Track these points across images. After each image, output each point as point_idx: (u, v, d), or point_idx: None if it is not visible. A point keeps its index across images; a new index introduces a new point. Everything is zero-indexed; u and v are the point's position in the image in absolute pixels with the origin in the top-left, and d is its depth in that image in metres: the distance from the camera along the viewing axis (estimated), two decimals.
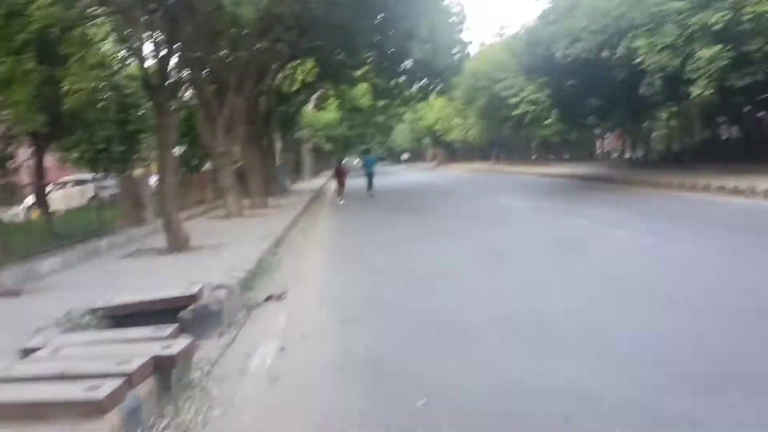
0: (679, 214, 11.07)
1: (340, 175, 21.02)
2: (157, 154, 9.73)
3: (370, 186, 21.22)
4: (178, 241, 8.73)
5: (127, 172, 16.63)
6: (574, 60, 17.97)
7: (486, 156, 51.97)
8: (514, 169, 35.58)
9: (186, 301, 4.79)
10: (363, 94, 31.42)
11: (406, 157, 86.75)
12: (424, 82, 24.60)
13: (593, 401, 3.15)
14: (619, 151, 35.42)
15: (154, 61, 9.89)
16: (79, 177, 20.34)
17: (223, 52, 12.75)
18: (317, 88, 30.14)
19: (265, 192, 18.03)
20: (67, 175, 21.47)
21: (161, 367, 3.36)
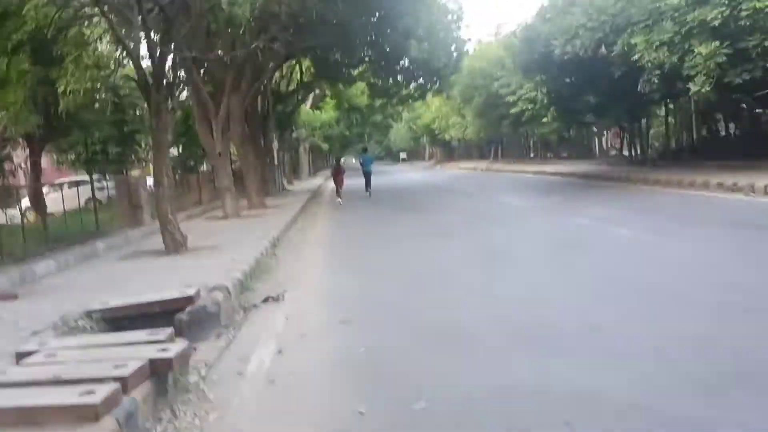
0: (679, 212, 11.05)
1: (338, 175, 20.99)
2: (153, 155, 9.67)
3: (368, 185, 21.23)
4: (175, 243, 8.68)
5: (124, 173, 16.57)
6: (571, 57, 17.95)
7: (484, 154, 51.99)
8: (512, 167, 35.59)
9: (183, 303, 4.74)
10: (360, 93, 31.37)
11: (403, 156, 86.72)
12: (421, 80, 24.55)
13: (595, 403, 3.11)
14: (617, 148, 35.41)
15: (149, 61, 9.82)
16: (76, 179, 20.26)
17: (219, 51, 12.68)
18: (314, 88, 30.10)
19: (263, 192, 18.00)
20: (63, 177, 21.39)
21: (157, 370, 3.31)
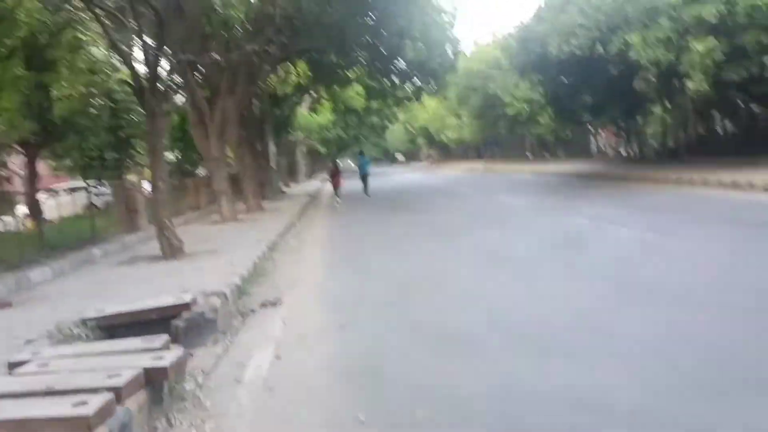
0: (678, 210, 11.00)
1: (335, 177, 20.95)
2: (149, 160, 9.60)
3: (366, 187, 21.23)
4: (172, 248, 8.61)
5: (120, 178, 16.50)
6: (567, 57, 17.94)
7: (481, 155, 51.94)
8: (509, 167, 35.53)
9: (179, 310, 4.68)
10: (356, 95, 31.31)
11: (400, 157, 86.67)
12: (417, 82, 24.48)
13: (599, 406, 3.05)
14: (614, 147, 35.39)
15: (144, 65, 9.77)
16: (72, 184, 20.19)
17: (214, 54, 12.61)
18: (310, 90, 30.03)
19: (260, 195, 17.91)
20: (60, 183, 21.32)
21: (152, 379, 3.25)
